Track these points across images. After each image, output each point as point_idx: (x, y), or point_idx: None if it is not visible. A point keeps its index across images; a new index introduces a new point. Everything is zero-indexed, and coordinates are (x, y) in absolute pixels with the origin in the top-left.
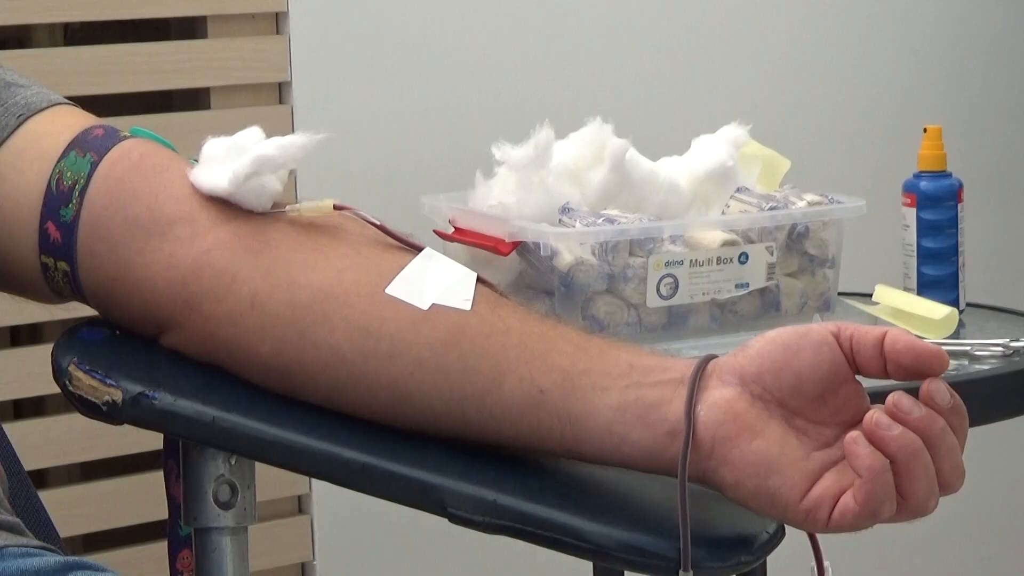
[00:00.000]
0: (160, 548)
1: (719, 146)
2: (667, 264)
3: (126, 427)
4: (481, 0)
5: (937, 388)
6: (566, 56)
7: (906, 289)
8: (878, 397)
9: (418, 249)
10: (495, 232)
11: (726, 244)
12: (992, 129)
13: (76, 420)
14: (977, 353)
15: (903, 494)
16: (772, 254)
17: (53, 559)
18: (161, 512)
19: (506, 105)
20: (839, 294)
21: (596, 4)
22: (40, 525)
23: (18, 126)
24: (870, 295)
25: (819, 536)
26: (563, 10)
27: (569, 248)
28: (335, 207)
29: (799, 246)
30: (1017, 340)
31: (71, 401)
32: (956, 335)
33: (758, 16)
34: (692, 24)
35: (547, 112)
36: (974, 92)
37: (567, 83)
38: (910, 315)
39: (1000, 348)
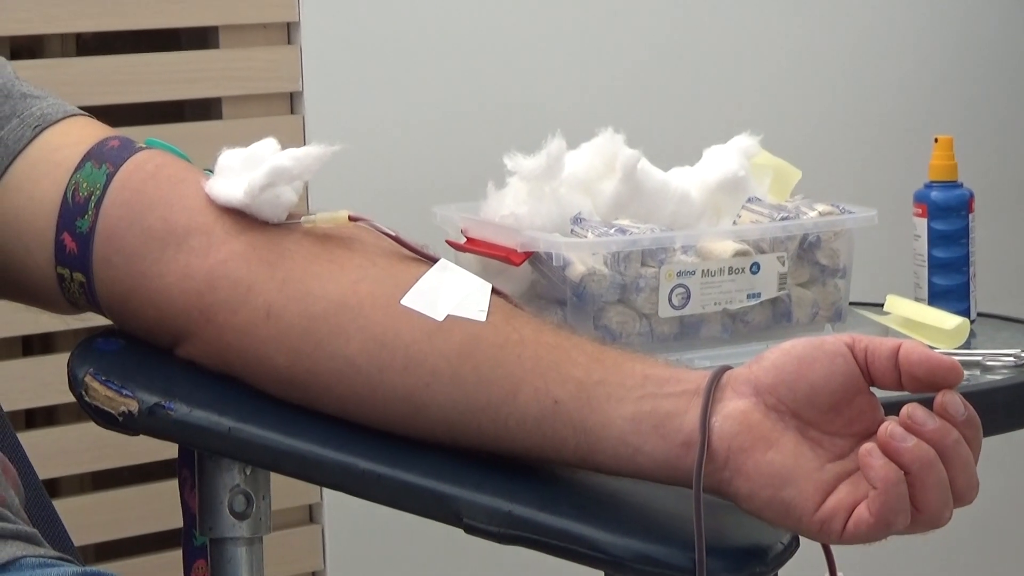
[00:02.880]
0: (173, 557)
1: (730, 156)
2: (679, 274)
3: (138, 436)
4: (493, 10)
5: (951, 400)
6: (578, 66)
7: (917, 299)
8: (892, 409)
9: (433, 260)
10: (507, 242)
11: (738, 254)
12: (1003, 139)
13: (88, 429)
14: (989, 363)
15: (917, 506)
16: (784, 264)
17: (70, 569)
18: (173, 521)
19: (518, 115)
20: (850, 304)
21: (608, 15)
22: (56, 535)
23: (34, 137)
24: (881, 305)
25: (833, 547)
26: (575, 20)
27: (581, 258)
28: (350, 218)
29: (810, 256)
30: None
31: (87, 412)
32: (968, 345)
33: (769, 27)
34: (703, 35)
35: (559, 122)
36: (985, 102)
37: (579, 93)
38: (921, 325)
39: (1012, 358)
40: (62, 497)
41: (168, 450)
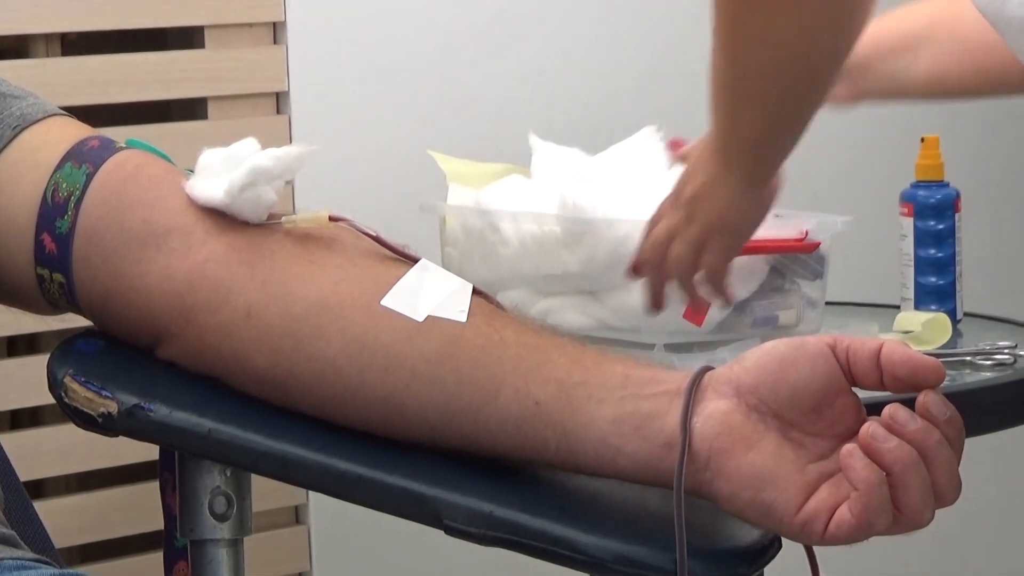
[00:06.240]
0: (157, 559)
1: None
2: None
3: (123, 438)
4: (480, 9)
5: (933, 400)
6: (567, 66)
7: (903, 300)
8: (874, 409)
9: (414, 260)
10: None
11: None
12: (990, 139)
13: (73, 431)
14: (974, 363)
15: (899, 507)
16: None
17: (48, 571)
18: (158, 523)
19: (505, 114)
20: (836, 304)
21: (596, 13)
22: (36, 537)
23: (13, 137)
24: (868, 305)
25: (815, 548)
26: (563, 18)
27: None
28: (330, 218)
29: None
30: (1015, 350)
31: (66, 413)
32: (953, 345)
33: None
34: (684, 31)
35: (548, 121)
36: (972, 102)
37: (566, 92)
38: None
39: (998, 358)
40: (47, 498)
41: (154, 451)
